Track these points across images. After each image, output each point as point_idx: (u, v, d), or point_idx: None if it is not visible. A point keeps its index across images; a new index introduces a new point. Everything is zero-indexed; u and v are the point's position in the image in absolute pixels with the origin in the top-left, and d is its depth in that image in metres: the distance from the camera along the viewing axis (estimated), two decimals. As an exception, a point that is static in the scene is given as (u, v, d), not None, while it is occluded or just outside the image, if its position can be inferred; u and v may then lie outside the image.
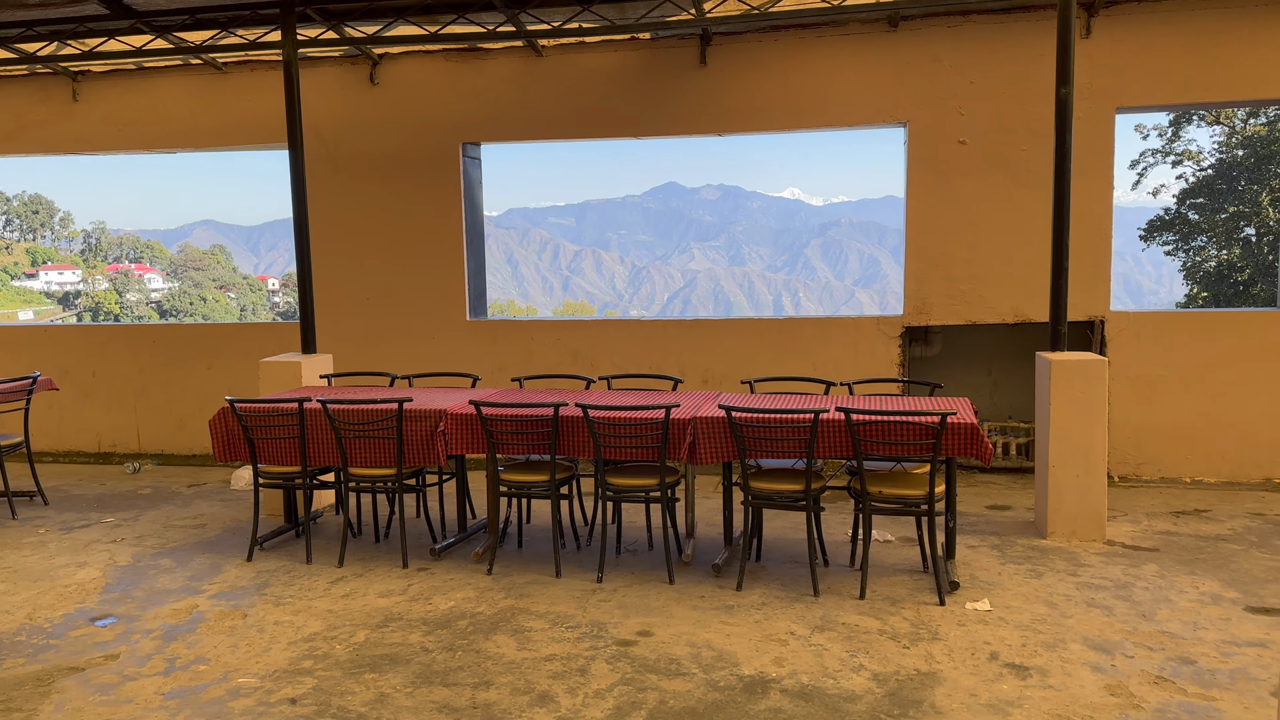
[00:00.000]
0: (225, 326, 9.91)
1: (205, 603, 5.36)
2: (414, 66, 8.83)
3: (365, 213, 9.04)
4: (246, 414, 6.02)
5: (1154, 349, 7.80)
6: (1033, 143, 7.82)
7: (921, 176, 8.09)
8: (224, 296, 79.91)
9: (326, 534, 6.70)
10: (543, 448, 5.66)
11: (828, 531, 6.37)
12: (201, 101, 9.22)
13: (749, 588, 5.39)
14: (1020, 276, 7.94)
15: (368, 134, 8.96)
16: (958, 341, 8.68)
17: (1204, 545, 6.06)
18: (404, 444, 5.86)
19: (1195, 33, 7.51)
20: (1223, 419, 7.72)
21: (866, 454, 5.15)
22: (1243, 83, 7.52)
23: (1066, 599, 5.13)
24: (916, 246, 8.17)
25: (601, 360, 8.69)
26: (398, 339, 9.03)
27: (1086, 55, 7.58)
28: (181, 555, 6.28)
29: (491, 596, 5.34)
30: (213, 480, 8.53)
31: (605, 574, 5.65)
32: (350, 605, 5.26)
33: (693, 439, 5.40)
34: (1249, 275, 25.26)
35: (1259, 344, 7.64)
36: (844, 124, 8.26)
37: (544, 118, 8.65)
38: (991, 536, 6.32)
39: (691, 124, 8.45)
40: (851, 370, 8.11)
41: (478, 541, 6.38)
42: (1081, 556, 5.85)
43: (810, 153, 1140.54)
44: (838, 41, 8.09)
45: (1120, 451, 7.83)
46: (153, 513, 7.43)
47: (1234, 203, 25.95)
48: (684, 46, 8.34)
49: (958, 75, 7.93)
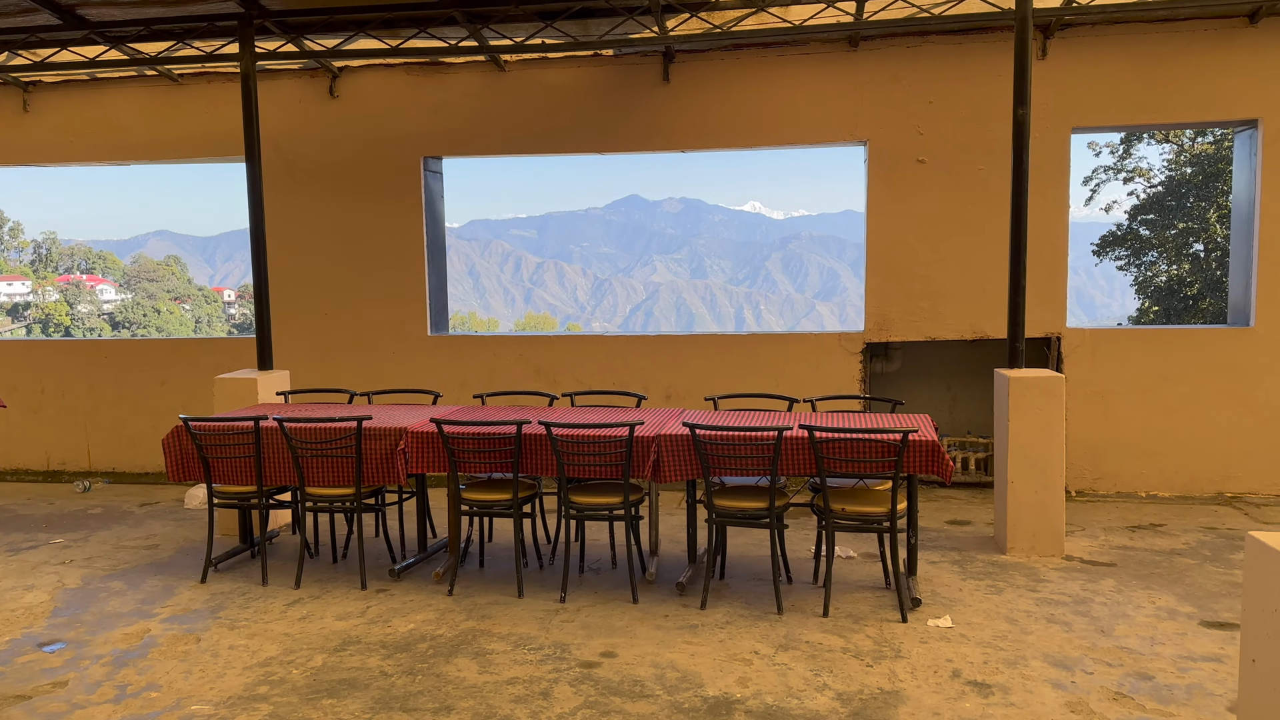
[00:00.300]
0: (180, 341, 9.73)
1: (157, 627, 5.23)
2: (375, 80, 8.76)
3: (324, 227, 8.93)
4: (201, 433, 5.90)
5: (1109, 365, 7.92)
6: (990, 162, 7.93)
7: (882, 194, 8.17)
8: (178, 308, 78.60)
9: (283, 554, 6.58)
10: (505, 466, 5.61)
11: (791, 548, 6.37)
12: (156, 113, 9.07)
13: (713, 606, 5.37)
14: (978, 294, 8.04)
15: (327, 147, 8.87)
16: (917, 357, 8.76)
17: (1159, 560, 6.15)
18: (363, 463, 5.77)
19: (1147, 55, 7.67)
20: (1176, 434, 7.86)
21: (830, 471, 5.17)
22: (1191, 104, 7.69)
23: (1027, 615, 5.17)
24: (877, 263, 8.24)
25: (565, 376, 8.65)
26: (357, 355, 8.93)
27: (1042, 76, 7.70)
28: (133, 577, 6.14)
29: (452, 618, 5.27)
30: (165, 499, 8.35)
31: (568, 593, 5.60)
32: (307, 628, 5.16)
33: (657, 457, 5.38)
34: (1198, 290, 25.81)
35: (1210, 360, 7.79)
36: (805, 142, 8.32)
37: (507, 132, 8.62)
38: (952, 552, 6.37)
39: (654, 140, 8.47)
40: (814, 386, 8.15)
41: (438, 561, 6.30)
42: (1041, 572, 5.91)
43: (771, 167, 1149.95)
44: (799, 60, 8.15)
45: (1077, 466, 7.94)
46: (103, 533, 7.26)
47: (1183, 219, 26.53)
48: (647, 63, 8.35)
49: (917, 95, 8.03)
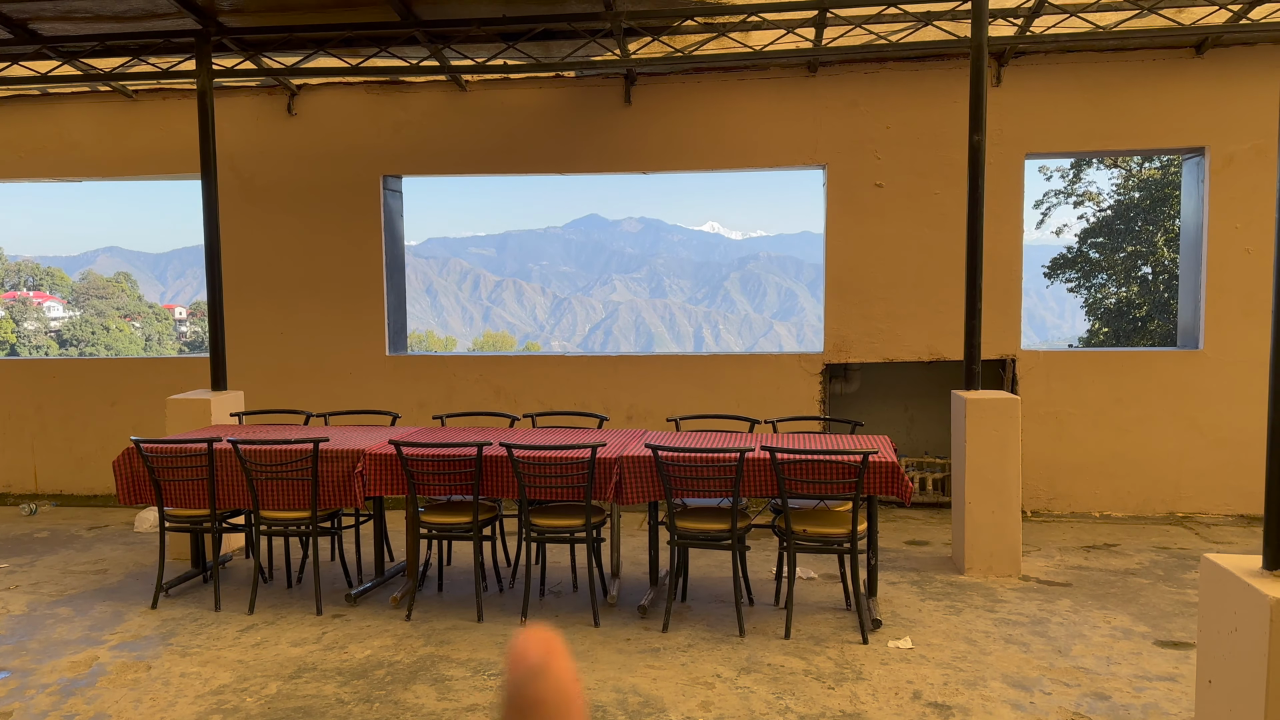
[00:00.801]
0: (131, 361, 9.54)
1: (106, 654, 5.09)
2: (334, 98, 8.70)
3: (281, 245, 8.83)
4: (153, 454, 5.77)
5: (1063, 387, 8.05)
6: (946, 187, 8.05)
7: (840, 218, 8.26)
8: (128, 326, 77.13)
9: (236, 579, 6.45)
10: (465, 488, 5.55)
11: (752, 569, 6.37)
12: (110, 129, 8.93)
13: (675, 629, 5.35)
14: (935, 316, 8.14)
15: (285, 165, 8.78)
16: (876, 379, 8.84)
17: (1114, 580, 6.24)
18: (319, 486, 5.69)
19: (1098, 84, 7.85)
20: (1128, 455, 8.00)
21: (791, 492, 5.18)
22: (1141, 132, 7.88)
23: (985, 635, 5.21)
24: (836, 285, 8.32)
25: (525, 396, 8.60)
26: (314, 375, 8.81)
27: (997, 103, 7.85)
28: (81, 603, 5.97)
29: (410, 644, 5.19)
30: (115, 522, 8.16)
31: (529, 617, 5.55)
32: (261, 655, 5.05)
33: (619, 478, 5.36)
34: (1147, 312, 26.38)
35: (1161, 382, 7.96)
36: (765, 165, 8.40)
37: (467, 152, 8.60)
38: (911, 573, 6.41)
39: (616, 162, 8.49)
40: (774, 406, 8.19)
41: (395, 586, 6.22)
42: (998, 592, 5.97)
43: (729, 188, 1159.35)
44: (759, 85, 8.23)
45: (1032, 487, 8.05)
46: (50, 557, 7.06)
47: (1132, 242, 27.13)
48: (609, 85, 8.39)
49: (875, 120, 8.14)
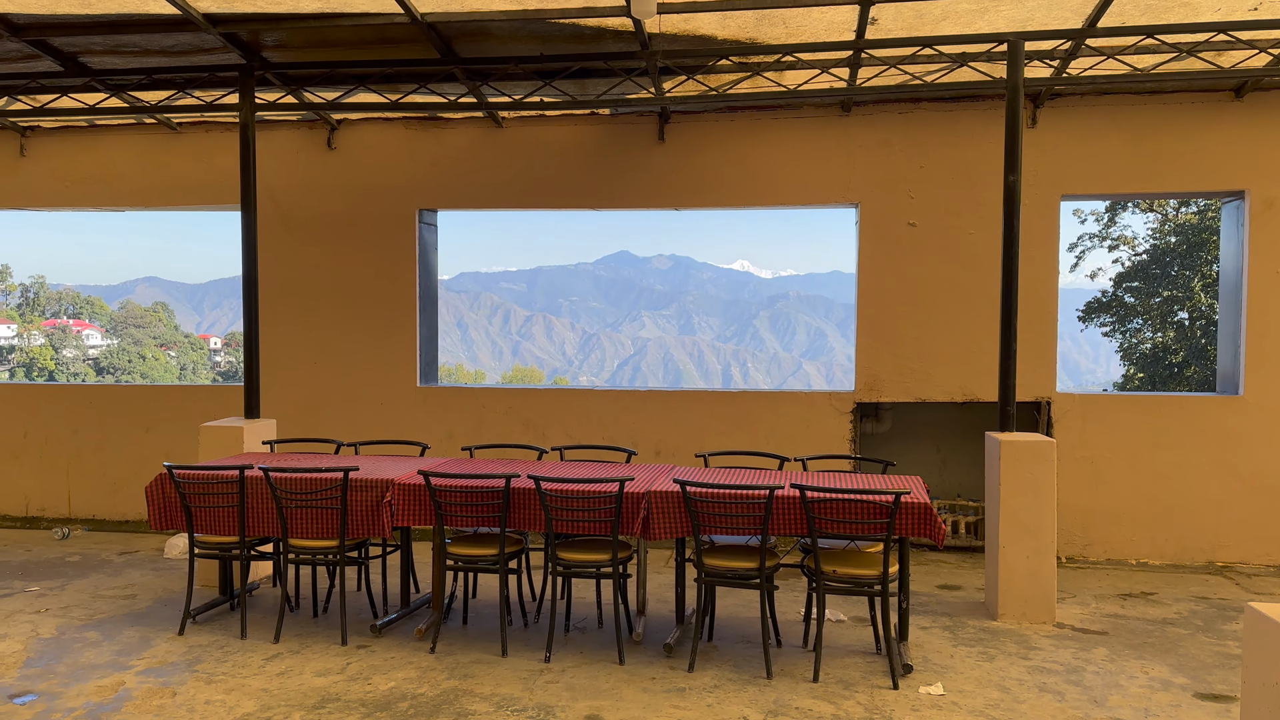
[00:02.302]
0: (165, 388, 9.66)
1: (133, 679, 5.10)
2: (372, 133, 8.84)
3: (317, 276, 8.94)
4: (185, 481, 5.82)
5: (1099, 431, 7.93)
6: (980, 227, 8.01)
7: (873, 256, 8.23)
8: (164, 355, 78.22)
9: (263, 607, 6.46)
10: (492, 520, 5.54)
11: (781, 609, 6.29)
12: (153, 160, 9.11)
13: (701, 669, 5.27)
14: (968, 356, 8.07)
15: (323, 197, 8.91)
16: (908, 419, 8.76)
17: (1152, 629, 6.09)
18: (348, 514, 5.70)
19: (1135, 126, 7.81)
20: (1166, 501, 7.84)
21: (821, 532, 5.12)
22: (1179, 175, 7.82)
23: (1019, 683, 5.10)
24: (868, 324, 8.28)
25: (553, 429, 8.60)
26: (345, 404, 8.87)
27: (1033, 144, 7.83)
28: (109, 628, 6.00)
29: (434, 677, 5.16)
30: (145, 548, 8.22)
31: (553, 653, 5.50)
32: (286, 684, 5.04)
33: (647, 513, 5.33)
34: (1183, 358, 26.02)
35: (1201, 428, 7.81)
36: (797, 203, 8.41)
37: (502, 187, 8.68)
38: (943, 617, 6.30)
39: (648, 198, 8.54)
40: (804, 445, 8.12)
41: (421, 617, 6.19)
42: (1032, 639, 5.84)
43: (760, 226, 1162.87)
44: (792, 124, 8.27)
45: (1067, 532, 7.90)
46: (80, 581, 7.11)
47: (1168, 287, 26.84)
48: (643, 123, 8.46)
49: (908, 160, 8.14)
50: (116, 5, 6.41)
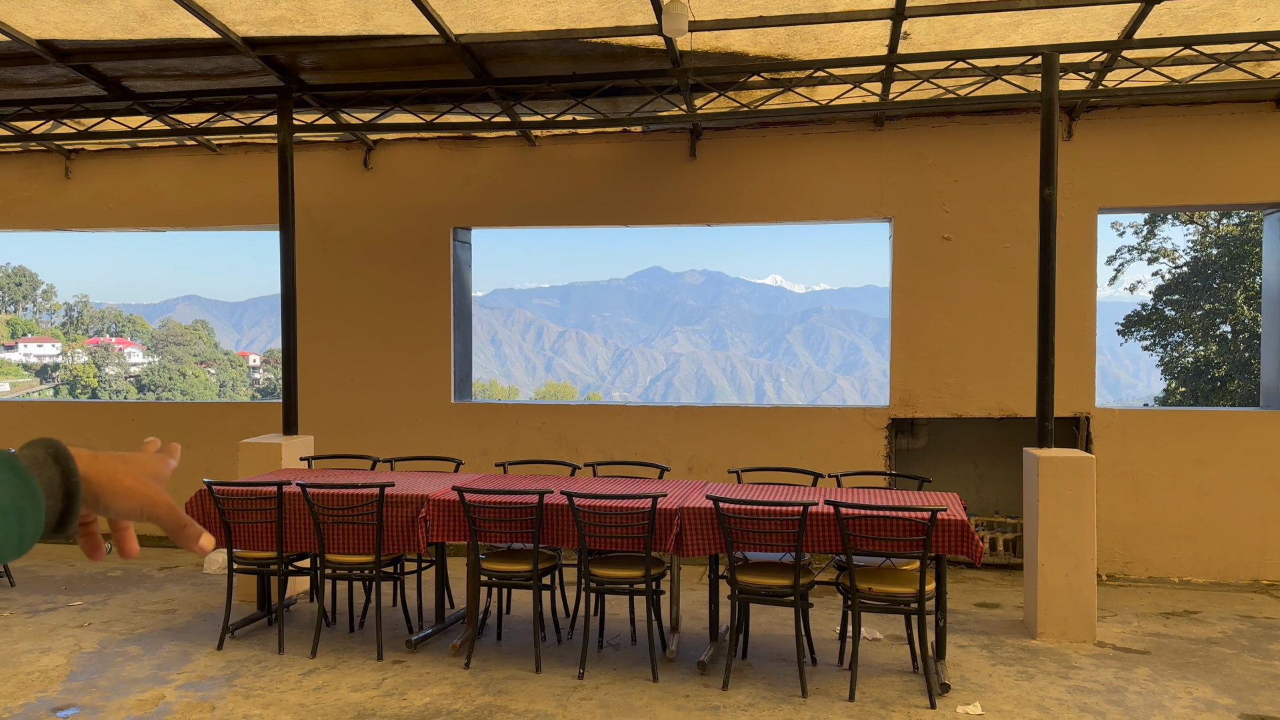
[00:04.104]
0: (205, 405, 9.81)
1: (173, 693, 5.17)
2: (408, 152, 8.94)
3: (354, 294, 9.04)
4: (224, 496, 5.89)
5: (1139, 446, 7.81)
6: (1016, 240, 7.94)
7: (907, 271, 8.19)
8: (204, 372, 79.43)
9: (300, 622, 6.52)
10: (526, 536, 5.55)
11: (815, 627, 6.24)
12: (193, 181, 9.28)
13: (735, 687, 5.24)
14: (1005, 371, 7.98)
15: (359, 217, 9.02)
16: (944, 434, 8.68)
17: (1195, 648, 5.97)
18: (384, 530, 5.74)
19: (1173, 138, 7.72)
20: (1210, 518, 7.70)
21: (856, 549, 5.08)
22: (1219, 187, 7.71)
23: (1059, 703, 5.02)
24: (902, 339, 8.22)
25: (586, 445, 8.62)
26: (381, 421, 8.95)
27: (1068, 157, 7.76)
28: (150, 642, 6.08)
29: (469, 692, 5.17)
30: (185, 563, 8.32)
31: (587, 670, 5.50)
32: (322, 699, 5.08)
33: (680, 529, 5.32)
34: (1226, 372, 25.57)
35: (1244, 444, 7.67)
36: (830, 218, 8.39)
37: (536, 205, 8.75)
38: (981, 636, 6.22)
39: (680, 214, 8.56)
40: (838, 461, 8.07)
41: (455, 633, 6.22)
42: (1072, 658, 5.75)
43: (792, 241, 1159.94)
44: (824, 138, 8.26)
45: (1107, 550, 7.78)
46: (122, 596, 7.22)
47: (1209, 300, 26.41)
48: (674, 140, 8.49)
49: (942, 173, 8.10)
50: (159, 30, 6.56)
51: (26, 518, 0.88)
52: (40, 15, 6.33)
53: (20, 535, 0.88)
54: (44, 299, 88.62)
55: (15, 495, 0.88)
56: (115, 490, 0.99)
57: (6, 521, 0.87)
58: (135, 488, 1.00)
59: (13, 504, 0.88)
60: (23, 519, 0.88)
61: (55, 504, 0.93)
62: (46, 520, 0.92)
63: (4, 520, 0.87)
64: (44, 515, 0.91)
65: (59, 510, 0.93)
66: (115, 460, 1.01)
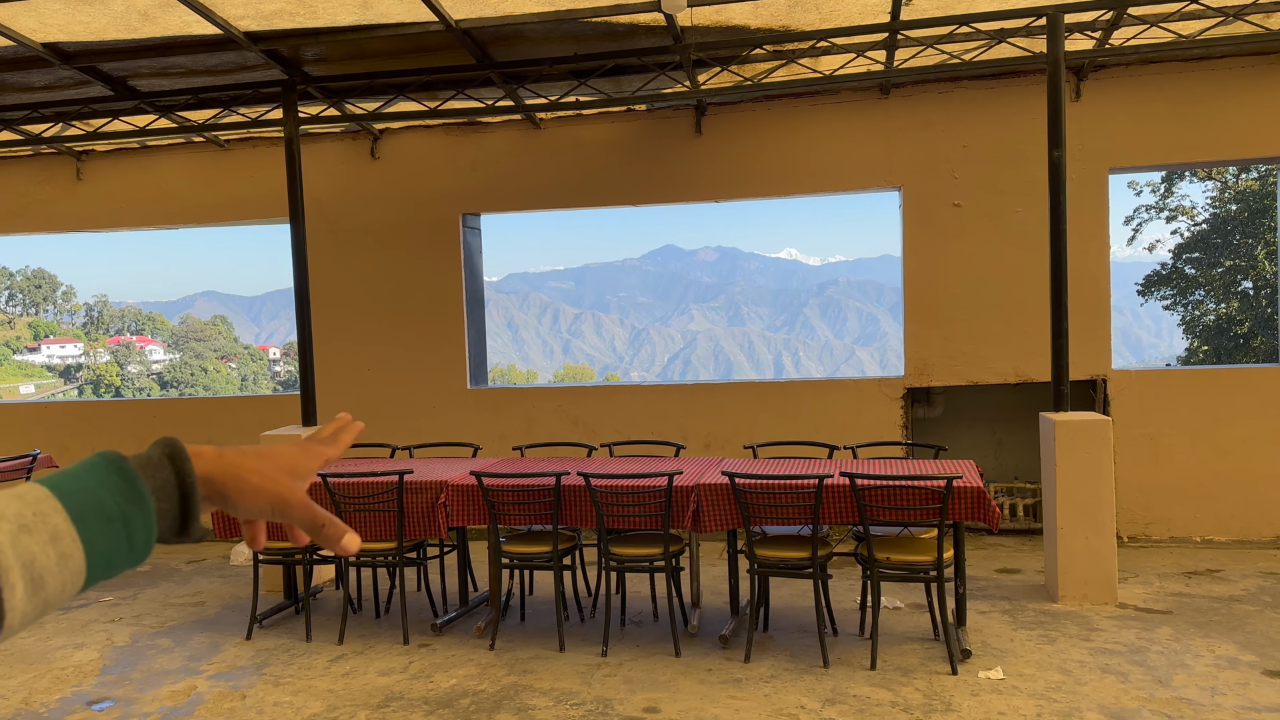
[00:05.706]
0: (226, 400, 9.91)
1: (204, 684, 5.26)
2: (414, 140, 8.96)
3: (366, 284, 9.09)
4: (246, 489, 5.96)
5: (1158, 407, 7.77)
6: (1027, 204, 7.89)
7: (917, 239, 8.15)
8: (225, 367, 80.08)
9: (326, 610, 6.61)
10: (545, 518, 5.60)
11: (835, 598, 6.27)
12: (203, 178, 9.34)
13: (757, 659, 5.29)
14: (1020, 337, 7.95)
15: (369, 206, 9.06)
16: (960, 402, 8.66)
17: (1218, 607, 5.97)
18: (405, 516, 5.80)
19: (1184, 94, 7.63)
20: (1231, 476, 7.66)
21: (873, 519, 5.10)
22: (1232, 142, 7.62)
23: (1080, 665, 5.03)
24: (915, 308, 8.20)
25: (603, 426, 8.66)
26: (398, 409, 9.02)
27: (1077, 118, 7.68)
28: (180, 634, 6.19)
29: (494, 673, 5.24)
30: (212, 556, 8.44)
31: (610, 647, 5.55)
32: (350, 684, 5.16)
33: (696, 506, 5.35)
34: (1249, 328, 25.32)
35: (1264, 400, 7.62)
36: (839, 189, 8.35)
37: (543, 188, 8.75)
38: (1002, 601, 6.23)
39: (688, 191, 8.54)
40: (854, 432, 8.07)
41: (479, 615, 6.29)
42: (1094, 620, 5.75)
43: (807, 213, 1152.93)
44: (830, 109, 8.21)
45: (1128, 511, 7.76)
46: (151, 590, 7.34)
47: (1230, 256, 26.12)
48: (679, 117, 8.46)
49: (950, 140, 8.04)
50: (161, 29, 6.59)
51: (134, 523, 0.81)
52: (44, 18, 6.37)
53: (130, 542, 0.81)
54: (64, 300, 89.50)
55: (120, 499, 0.81)
56: (241, 489, 0.94)
57: (113, 528, 0.79)
58: (263, 485, 0.95)
59: (118, 509, 0.80)
60: (129, 525, 0.81)
61: (170, 507, 0.86)
62: (161, 524, 0.85)
63: (109, 527, 0.79)
64: (154, 520, 0.83)
65: (175, 514, 0.87)
66: (243, 456, 0.95)
